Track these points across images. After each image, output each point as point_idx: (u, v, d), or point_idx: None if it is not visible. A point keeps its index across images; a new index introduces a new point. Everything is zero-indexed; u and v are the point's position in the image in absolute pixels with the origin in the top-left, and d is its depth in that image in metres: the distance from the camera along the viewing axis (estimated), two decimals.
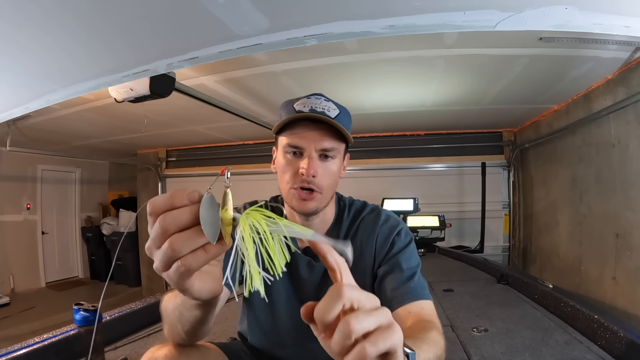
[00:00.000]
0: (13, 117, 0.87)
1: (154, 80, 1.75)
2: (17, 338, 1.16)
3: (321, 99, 0.71)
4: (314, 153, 0.68)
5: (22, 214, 4.79)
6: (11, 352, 1.02)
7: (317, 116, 0.66)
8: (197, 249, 0.31)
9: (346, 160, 0.77)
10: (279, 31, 0.56)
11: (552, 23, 0.49)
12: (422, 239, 3.45)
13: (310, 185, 0.68)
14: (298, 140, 0.68)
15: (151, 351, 0.64)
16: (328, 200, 0.73)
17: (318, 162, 0.69)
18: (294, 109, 0.69)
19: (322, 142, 0.68)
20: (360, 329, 0.28)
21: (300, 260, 0.77)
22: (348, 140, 0.71)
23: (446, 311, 1.62)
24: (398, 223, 0.78)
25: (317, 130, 0.68)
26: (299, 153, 0.69)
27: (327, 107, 0.69)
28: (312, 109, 0.68)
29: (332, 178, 0.71)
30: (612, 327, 1.15)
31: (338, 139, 0.69)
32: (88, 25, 0.57)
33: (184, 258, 0.31)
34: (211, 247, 0.32)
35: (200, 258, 0.31)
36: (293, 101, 0.72)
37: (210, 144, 4.86)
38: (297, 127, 0.68)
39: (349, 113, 0.75)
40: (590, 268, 2.64)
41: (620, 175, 2.27)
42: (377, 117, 3.47)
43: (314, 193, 0.69)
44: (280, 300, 0.77)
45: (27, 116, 3.01)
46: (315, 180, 0.68)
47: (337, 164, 0.72)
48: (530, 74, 2.31)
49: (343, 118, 0.71)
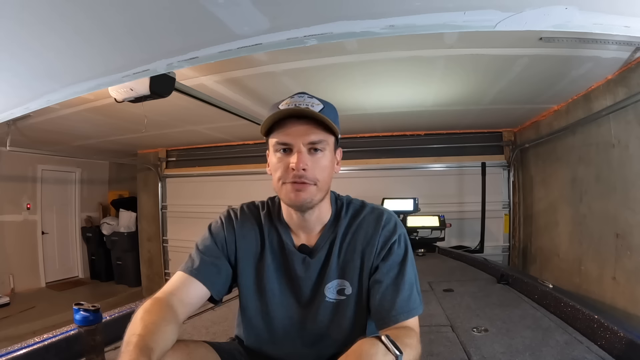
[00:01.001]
0: (13, 117, 0.87)
1: (154, 80, 1.75)
2: (17, 338, 1.16)
3: (304, 97, 0.73)
4: (303, 147, 0.69)
5: (22, 214, 4.79)
6: (11, 352, 1.02)
7: (300, 110, 0.68)
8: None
9: (338, 154, 0.78)
10: (279, 31, 0.56)
11: (552, 23, 0.49)
12: (422, 239, 3.44)
13: (302, 180, 0.69)
14: (285, 137, 0.69)
15: None
16: (323, 194, 0.74)
17: (307, 156, 0.69)
18: (279, 109, 0.70)
19: (309, 136, 0.69)
20: None
21: (295, 257, 0.77)
22: (335, 132, 0.72)
23: (446, 311, 1.62)
24: (399, 228, 0.78)
25: (303, 125, 0.69)
26: (288, 150, 0.70)
27: (310, 103, 0.71)
28: (296, 106, 0.70)
29: (325, 171, 0.72)
30: (612, 327, 1.15)
31: (325, 131, 0.71)
32: (88, 25, 0.57)
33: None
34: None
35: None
36: (278, 103, 0.73)
37: (210, 144, 4.86)
38: (284, 126, 0.70)
39: (334, 108, 0.76)
40: (590, 268, 2.64)
41: (620, 175, 2.27)
42: (377, 117, 3.47)
43: (307, 184, 0.69)
44: (274, 299, 0.77)
45: (27, 116, 3.01)
46: (307, 173, 0.69)
47: (327, 156, 0.72)
48: (530, 74, 2.31)
49: (328, 112, 0.71)
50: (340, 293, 0.76)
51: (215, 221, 0.82)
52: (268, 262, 0.78)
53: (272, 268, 0.78)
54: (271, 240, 0.79)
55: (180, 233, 5.12)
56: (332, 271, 0.76)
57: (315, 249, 0.77)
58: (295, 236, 0.79)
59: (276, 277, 0.78)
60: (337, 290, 0.76)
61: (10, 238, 4.61)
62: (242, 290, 0.80)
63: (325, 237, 0.78)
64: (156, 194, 5.21)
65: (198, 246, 0.77)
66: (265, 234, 0.80)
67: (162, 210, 5.23)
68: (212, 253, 0.76)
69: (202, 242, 0.78)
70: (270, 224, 0.80)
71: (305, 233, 0.78)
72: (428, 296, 1.86)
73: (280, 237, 0.79)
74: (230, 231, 0.79)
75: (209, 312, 1.69)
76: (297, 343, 0.78)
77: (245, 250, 0.79)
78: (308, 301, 0.77)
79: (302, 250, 0.78)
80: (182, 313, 0.68)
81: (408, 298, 0.71)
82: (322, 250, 0.77)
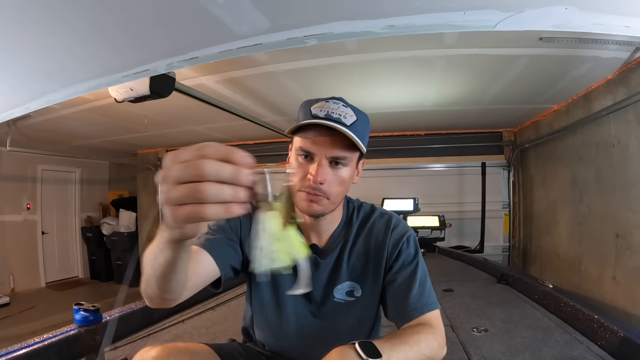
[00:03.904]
0: (13, 117, 0.87)
1: (154, 80, 1.75)
2: (17, 338, 1.16)
3: (339, 104, 0.69)
4: (324, 160, 0.67)
5: (22, 214, 4.79)
6: (11, 352, 1.02)
7: (330, 124, 0.65)
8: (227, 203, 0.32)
9: (361, 165, 0.77)
10: (279, 31, 0.56)
11: (552, 23, 0.49)
12: (422, 239, 3.45)
13: (317, 192, 0.68)
14: (309, 145, 0.68)
15: (140, 353, 0.64)
16: (335, 206, 0.74)
17: (327, 169, 0.68)
18: (311, 112, 0.68)
19: (334, 151, 0.67)
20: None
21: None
22: (361, 150, 0.70)
23: (446, 311, 1.62)
24: (407, 230, 0.79)
25: (330, 137, 0.66)
26: (309, 157, 0.69)
27: (344, 114, 0.67)
28: (328, 114, 0.67)
29: (342, 185, 0.71)
30: (612, 327, 1.15)
31: (351, 148, 0.68)
32: (88, 25, 0.57)
33: (212, 206, 0.32)
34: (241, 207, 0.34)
35: (227, 212, 0.33)
36: (312, 102, 0.70)
37: None
38: (311, 132, 0.67)
39: (368, 119, 0.74)
40: (590, 268, 2.64)
41: (620, 175, 2.27)
42: (377, 117, 3.47)
43: (321, 197, 0.69)
44: (288, 298, 0.78)
45: (27, 116, 3.01)
46: (323, 187, 0.68)
47: (348, 171, 0.71)
48: (530, 74, 2.31)
49: (360, 125, 0.69)
50: (349, 294, 0.77)
51: None
52: None
53: None
54: None
55: None
56: (343, 274, 0.77)
57: (326, 251, 0.78)
58: (306, 236, 0.79)
59: (287, 276, 0.78)
60: (346, 291, 0.77)
61: (10, 238, 4.61)
62: (254, 280, 0.80)
63: (337, 239, 0.79)
64: (156, 194, 5.19)
65: (210, 226, 0.76)
66: None
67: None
68: (225, 232, 0.75)
69: (215, 222, 0.76)
70: None
71: (316, 234, 0.79)
72: None
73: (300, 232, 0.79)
74: (246, 217, 0.76)
75: (209, 312, 1.69)
76: (304, 339, 0.79)
77: None
78: (317, 300, 0.78)
79: (313, 249, 0.78)
80: (190, 284, 0.63)
81: (420, 294, 0.71)
82: (333, 252, 0.78)
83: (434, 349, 0.63)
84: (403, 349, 0.58)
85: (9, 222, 4.63)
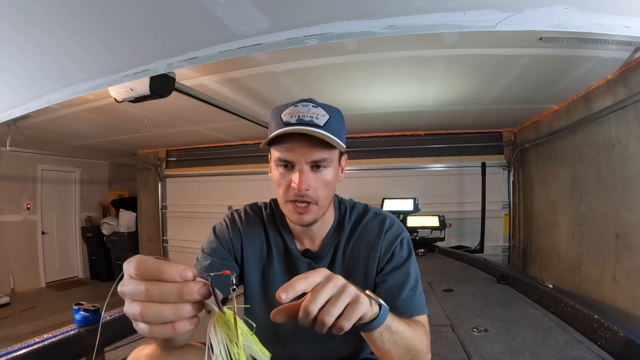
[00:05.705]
0: (13, 117, 0.87)
1: (154, 80, 1.75)
2: (17, 338, 1.16)
3: (309, 106, 0.68)
4: (305, 166, 0.67)
5: (22, 214, 4.79)
6: (11, 352, 1.02)
7: (303, 130, 0.64)
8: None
9: (343, 161, 0.76)
10: (279, 31, 0.56)
11: (552, 23, 0.49)
12: (422, 239, 3.44)
13: (304, 199, 0.67)
14: (287, 154, 0.67)
15: (136, 351, 0.64)
16: (325, 210, 0.73)
17: (310, 175, 0.67)
18: (282, 119, 0.67)
19: (312, 155, 0.66)
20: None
21: (300, 263, 0.77)
22: (339, 148, 0.70)
23: (446, 311, 1.62)
24: (402, 231, 0.78)
25: (306, 142, 0.65)
26: (290, 166, 0.68)
27: (315, 115, 0.67)
28: (299, 118, 0.66)
29: (327, 187, 0.70)
30: (612, 327, 1.15)
31: (329, 148, 0.68)
32: (88, 25, 0.57)
33: (158, 326, 0.35)
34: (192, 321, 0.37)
35: (174, 331, 0.36)
36: (282, 109, 0.69)
37: (210, 144, 4.86)
38: (286, 141, 0.66)
39: (341, 115, 0.73)
40: (590, 268, 2.64)
41: (620, 175, 2.27)
42: (377, 117, 3.47)
43: (310, 205, 0.68)
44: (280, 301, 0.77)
45: (27, 116, 3.02)
46: (309, 193, 0.67)
47: (331, 172, 0.70)
48: (530, 74, 2.31)
49: (334, 123, 0.69)
50: None
51: (219, 223, 0.81)
52: (275, 265, 0.78)
53: (279, 270, 0.78)
54: (277, 244, 0.79)
55: (180, 233, 5.13)
56: None
57: (320, 254, 0.78)
58: (298, 242, 0.79)
59: (282, 281, 0.78)
60: None
61: (10, 238, 4.61)
62: (247, 291, 0.80)
63: (329, 242, 0.78)
64: (156, 194, 5.21)
65: (204, 249, 0.77)
66: (270, 237, 0.80)
67: (162, 210, 5.23)
68: (219, 255, 0.75)
69: (207, 244, 0.78)
70: (274, 228, 0.80)
71: (309, 239, 0.79)
72: (428, 296, 1.85)
73: (284, 241, 0.79)
74: (236, 232, 0.79)
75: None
76: (301, 344, 0.79)
77: (251, 251, 0.79)
78: None
79: (307, 255, 0.78)
80: None
81: (411, 297, 0.71)
82: (327, 255, 0.77)
83: (424, 345, 0.63)
84: (402, 323, 0.59)
85: (9, 222, 4.63)
